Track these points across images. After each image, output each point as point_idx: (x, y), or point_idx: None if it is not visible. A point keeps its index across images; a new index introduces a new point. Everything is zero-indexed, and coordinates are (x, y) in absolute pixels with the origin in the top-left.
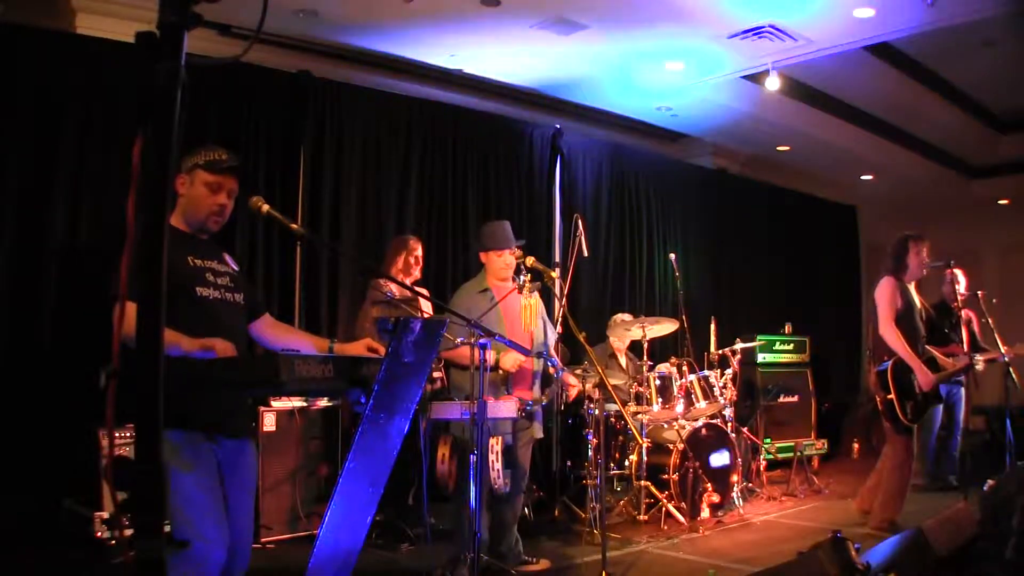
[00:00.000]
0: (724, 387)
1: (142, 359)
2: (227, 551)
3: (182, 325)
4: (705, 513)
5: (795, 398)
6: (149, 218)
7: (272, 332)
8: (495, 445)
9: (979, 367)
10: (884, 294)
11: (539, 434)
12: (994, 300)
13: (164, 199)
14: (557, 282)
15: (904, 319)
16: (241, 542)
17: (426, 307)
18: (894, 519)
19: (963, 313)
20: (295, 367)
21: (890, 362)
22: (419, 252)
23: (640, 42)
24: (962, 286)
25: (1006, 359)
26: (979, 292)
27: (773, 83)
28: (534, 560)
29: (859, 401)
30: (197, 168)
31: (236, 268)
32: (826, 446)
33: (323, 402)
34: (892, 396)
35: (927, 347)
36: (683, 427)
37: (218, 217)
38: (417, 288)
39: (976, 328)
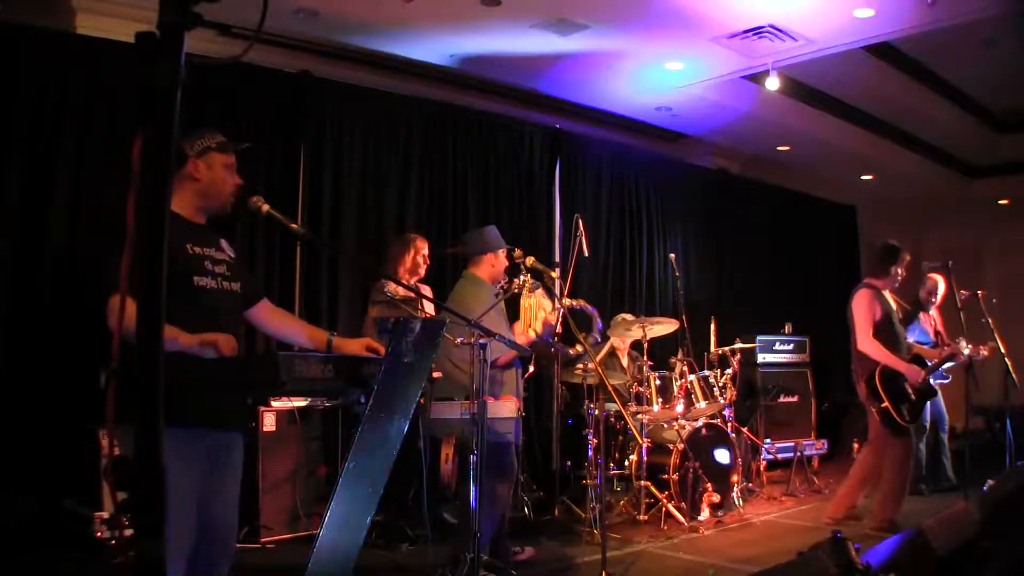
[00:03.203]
0: (724, 387)
1: (142, 357)
2: (193, 542)
3: (179, 315)
4: (705, 513)
5: (795, 398)
6: (149, 217)
7: (271, 318)
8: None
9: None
10: (861, 307)
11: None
12: (994, 300)
13: (164, 199)
14: (557, 282)
15: (884, 327)
16: (224, 532)
17: (427, 307)
18: (894, 519)
19: (931, 316)
20: (295, 367)
21: (876, 371)
22: (425, 251)
23: (640, 42)
24: (939, 295)
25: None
26: (979, 292)
27: (773, 83)
28: (520, 549)
29: (858, 402)
30: (211, 151)
31: (233, 255)
32: (826, 446)
33: (323, 402)
34: (886, 404)
35: (911, 344)
36: (683, 427)
37: (233, 199)
38: (422, 286)
39: (942, 331)
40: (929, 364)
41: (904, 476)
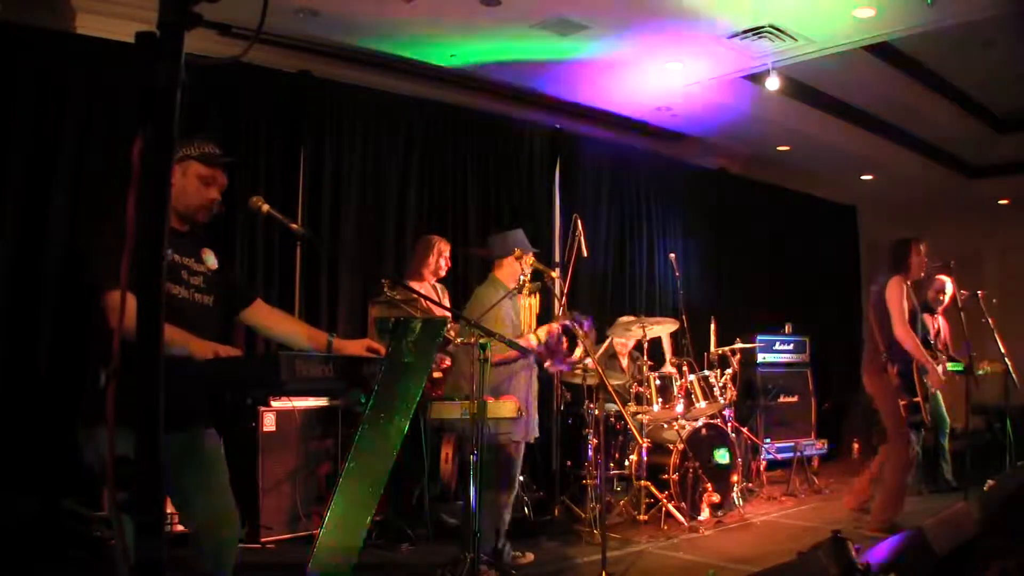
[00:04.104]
0: (724, 387)
1: (142, 357)
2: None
3: None
4: (705, 513)
5: (795, 398)
6: (149, 218)
7: (268, 318)
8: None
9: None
10: (895, 295)
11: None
12: (994, 300)
13: (164, 199)
14: (557, 282)
15: (910, 321)
16: (223, 519)
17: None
18: (894, 519)
19: (936, 319)
20: (295, 367)
21: (914, 364)
22: (447, 253)
23: (640, 42)
24: (947, 296)
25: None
26: (979, 292)
27: (773, 83)
28: (521, 554)
29: (859, 401)
30: (190, 159)
31: (214, 267)
32: (826, 446)
33: (323, 402)
34: (919, 399)
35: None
36: (683, 427)
37: (207, 211)
38: (438, 289)
39: (945, 336)
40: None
41: (904, 478)
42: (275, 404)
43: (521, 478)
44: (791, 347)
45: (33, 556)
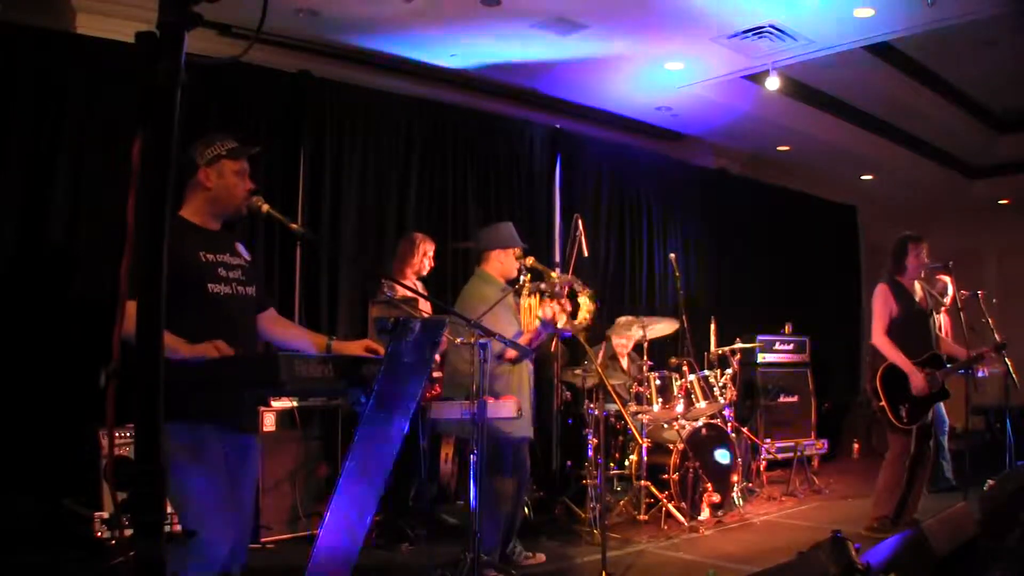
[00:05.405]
0: (724, 387)
1: (142, 358)
2: (231, 547)
3: (193, 323)
4: (705, 513)
5: (795, 398)
6: (149, 218)
7: (274, 328)
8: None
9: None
10: (876, 303)
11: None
12: (994, 300)
13: (164, 199)
14: (557, 282)
15: (903, 323)
16: (241, 537)
17: (425, 307)
18: (887, 516)
19: (938, 318)
20: (295, 367)
21: (881, 368)
22: (431, 252)
23: (640, 42)
24: (948, 296)
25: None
26: (979, 292)
27: (773, 83)
28: (531, 555)
29: (859, 401)
30: (222, 159)
31: (248, 258)
32: (826, 446)
33: (323, 402)
34: (883, 403)
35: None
36: (683, 427)
37: (247, 203)
38: (419, 288)
39: (948, 334)
40: (948, 365)
41: (898, 475)
42: (275, 404)
43: None
44: (791, 347)
45: (33, 556)
